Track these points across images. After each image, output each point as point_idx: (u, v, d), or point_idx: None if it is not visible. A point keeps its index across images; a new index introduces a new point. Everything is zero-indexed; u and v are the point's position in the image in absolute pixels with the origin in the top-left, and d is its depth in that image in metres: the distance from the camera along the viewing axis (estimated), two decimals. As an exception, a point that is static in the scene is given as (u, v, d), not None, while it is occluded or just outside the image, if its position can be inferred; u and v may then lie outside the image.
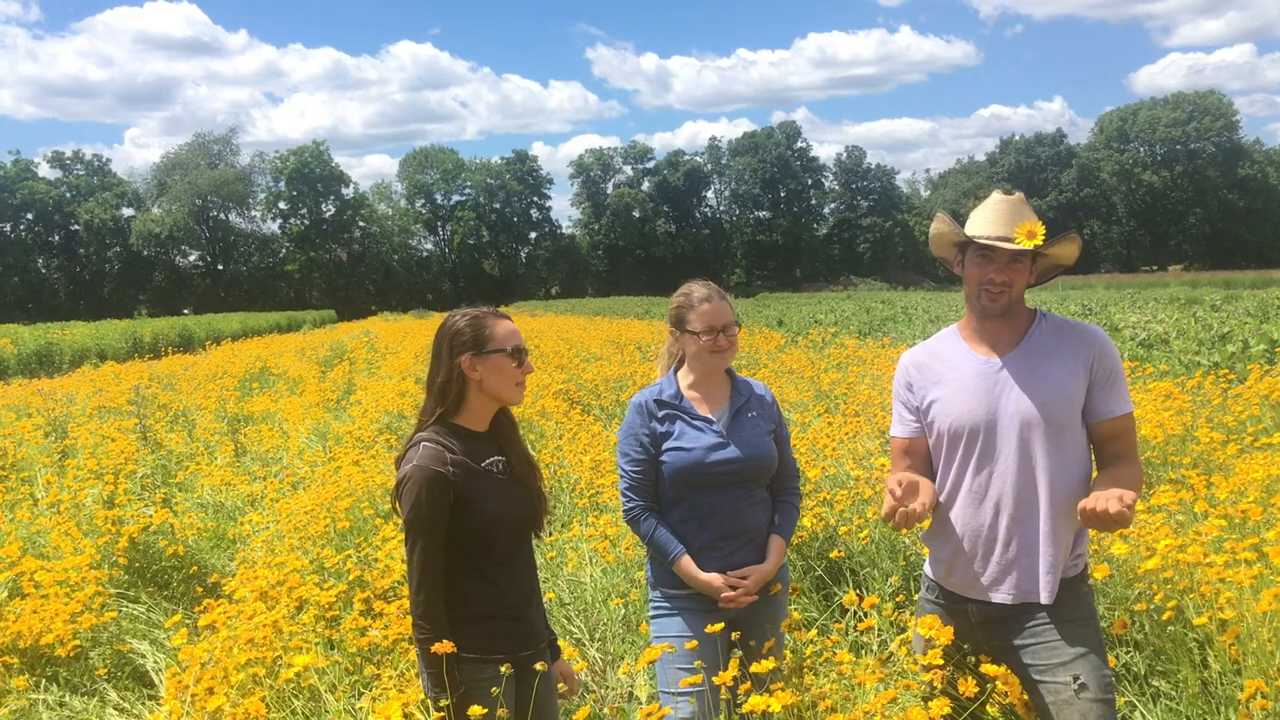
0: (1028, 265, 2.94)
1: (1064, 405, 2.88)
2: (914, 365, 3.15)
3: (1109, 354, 2.92)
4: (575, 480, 7.36)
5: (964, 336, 3.07)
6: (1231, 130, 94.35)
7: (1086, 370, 2.89)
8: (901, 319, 25.85)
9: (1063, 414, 2.88)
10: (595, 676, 4.94)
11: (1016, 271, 2.92)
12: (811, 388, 11.22)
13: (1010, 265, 2.91)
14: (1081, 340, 2.93)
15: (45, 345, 29.21)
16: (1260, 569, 3.55)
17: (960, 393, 2.98)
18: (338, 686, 4.02)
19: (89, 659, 5.04)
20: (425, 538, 2.78)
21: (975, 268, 2.96)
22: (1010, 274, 2.91)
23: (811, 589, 5.26)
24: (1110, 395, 2.90)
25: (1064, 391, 2.88)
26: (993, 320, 2.98)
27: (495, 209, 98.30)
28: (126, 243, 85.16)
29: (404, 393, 12.16)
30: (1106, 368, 2.90)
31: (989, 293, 2.93)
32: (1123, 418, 2.91)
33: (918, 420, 3.12)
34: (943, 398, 3.02)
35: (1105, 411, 2.90)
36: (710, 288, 3.43)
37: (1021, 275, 2.93)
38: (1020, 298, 2.96)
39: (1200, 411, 7.21)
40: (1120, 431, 2.92)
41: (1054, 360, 2.91)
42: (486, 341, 2.89)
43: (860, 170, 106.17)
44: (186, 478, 8.69)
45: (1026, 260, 2.93)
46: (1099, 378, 2.90)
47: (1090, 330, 2.96)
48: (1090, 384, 2.90)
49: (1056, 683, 2.78)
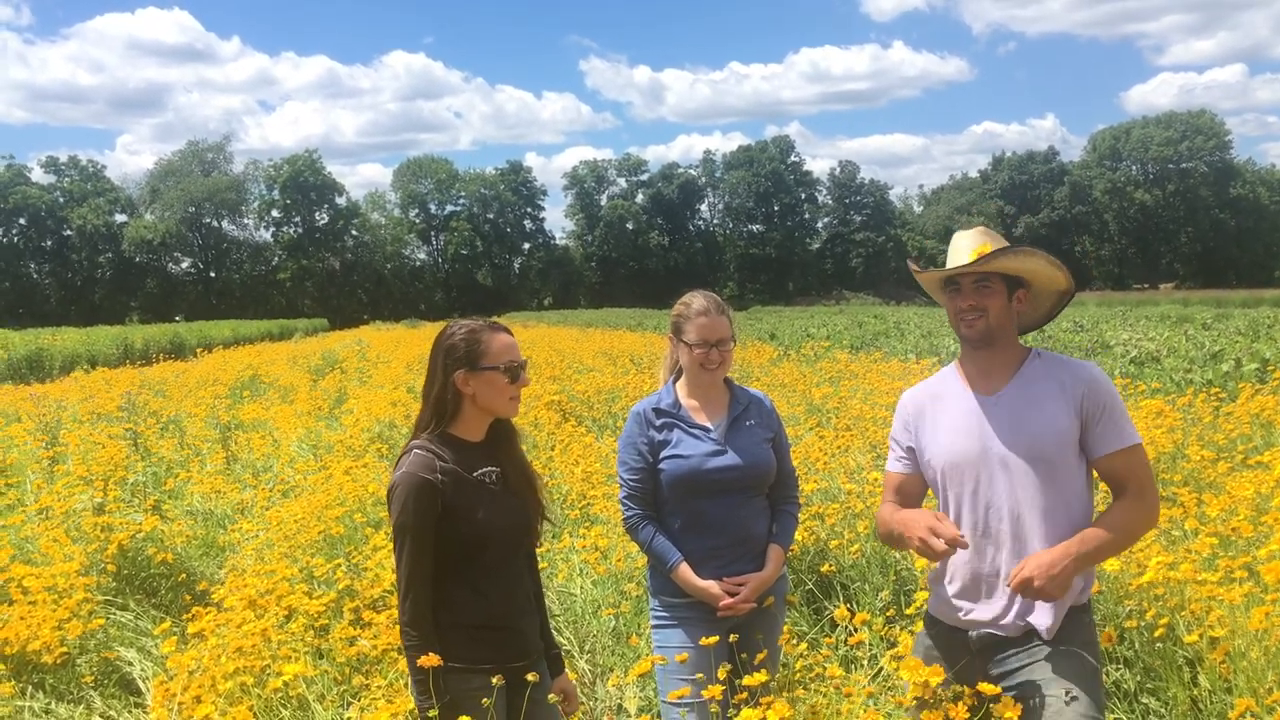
0: (999, 289, 2.93)
1: (1054, 442, 2.86)
2: (913, 405, 3.16)
3: (1101, 390, 2.89)
4: (566, 491, 7.35)
5: (961, 374, 3.08)
6: (1223, 150, 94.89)
7: (1077, 407, 2.87)
8: (894, 334, 25.89)
9: (1053, 451, 2.86)
10: (585, 688, 4.92)
11: (986, 295, 2.92)
12: (803, 401, 11.23)
13: (978, 290, 2.93)
14: (1072, 377, 2.91)
15: (36, 351, 29.09)
16: (1251, 587, 3.55)
17: (953, 431, 3.00)
18: (326, 696, 4.01)
19: (76, 666, 5.01)
20: (412, 544, 2.79)
21: (949, 300, 3.00)
22: (979, 299, 2.92)
23: (802, 603, 5.27)
24: (1106, 431, 2.87)
25: (1054, 428, 2.87)
26: (980, 352, 2.99)
27: (489, 219, 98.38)
28: (119, 249, 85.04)
29: (396, 402, 12.14)
30: (1099, 403, 2.88)
31: (965, 320, 2.95)
32: (1121, 453, 2.87)
33: (911, 459, 3.13)
34: (938, 437, 3.03)
35: (1102, 448, 2.87)
36: (711, 301, 3.44)
37: (994, 299, 2.93)
38: (1002, 324, 2.95)
39: (1191, 429, 7.23)
40: (1121, 466, 2.88)
41: (1045, 397, 2.91)
42: (480, 358, 2.89)
43: (853, 185, 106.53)
44: (177, 485, 8.66)
45: (996, 284, 2.93)
46: (1091, 414, 2.87)
47: (1082, 366, 2.96)
48: (1084, 421, 2.88)
49: (1049, 696, 2.78)
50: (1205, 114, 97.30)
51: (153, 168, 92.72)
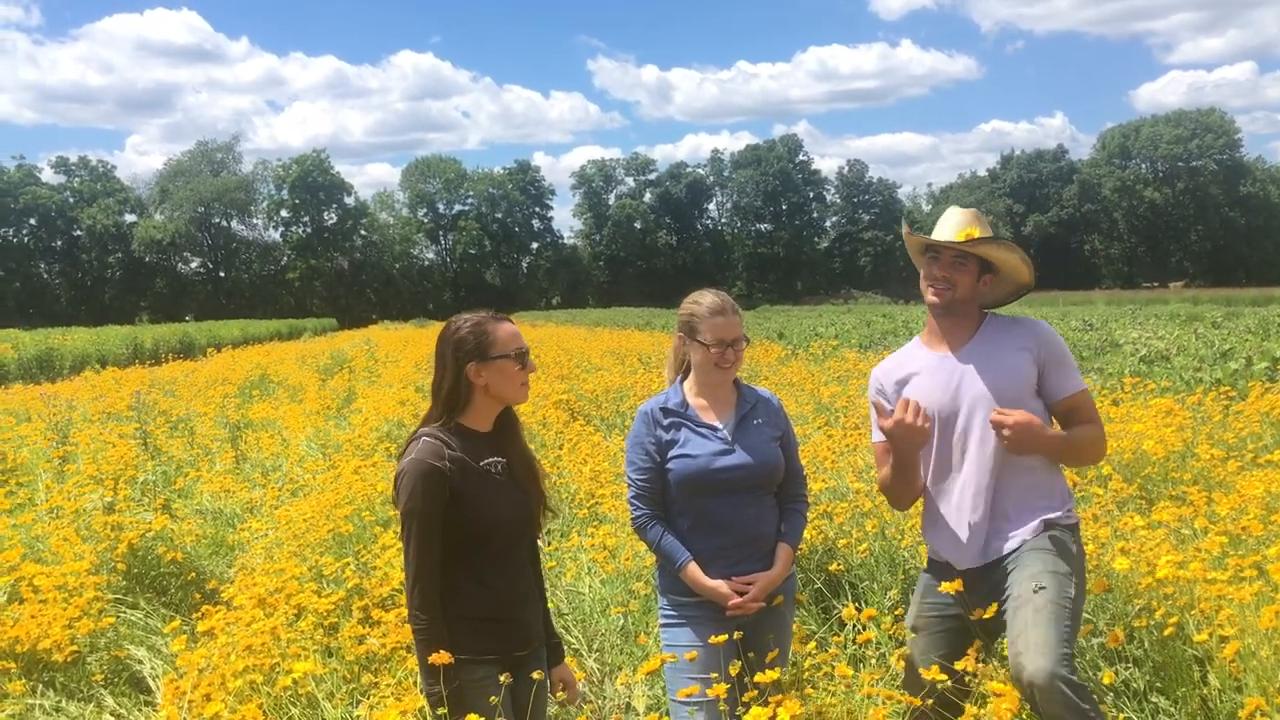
0: (972, 269, 3.31)
1: (1015, 386, 3.23)
2: (883, 374, 3.53)
3: (1053, 341, 3.30)
4: (575, 490, 7.35)
5: (924, 341, 3.48)
6: (1233, 148, 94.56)
7: (1033, 356, 3.26)
8: (902, 332, 25.81)
9: (1014, 394, 3.22)
10: (593, 687, 4.92)
11: (959, 271, 3.30)
12: (812, 400, 11.22)
13: (953, 265, 3.31)
14: (1026, 331, 3.32)
15: (46, 350, 29.18)
16: (1261, 586, 3.54)
17: (924, 386, 3.35)
18: (335, 694, 4.02)
19: (86, 665, 5.02)
20: (420, 529, 2.82)
21: (925, 266, 3.38)
22: (952, 272, 3.30)
23: (810, 602, 5.26)
24: (1061, 376, 3.28)
25: (1015, 374, 3.24)
26: (944, 319, 3.37)
27: (497, 219, 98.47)
28: (128, 249, 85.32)
29: (404, 401, 12.16)
30: (1053, 354, 3.28)
31: (934, 288, 3.33)
32: (1075, 395, 3.29)
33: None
34: (912, 394, 3.33)
35: (1059, 391, 3.28)
36: (725, 300, 3.44)
37: (965, 276, 3.31)
38: (966, 299, 3.33)
39: (1201, 428, 7.20)
40: (1075, 405, 3.29)
41: (1004, 349, 3.29)
42: (490, 347, 2.94)
43: (862, 184, 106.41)
44: (186, 484, 8.68)
45: (971, 264, 3.30)
46: (1047, 362, 3.27)
47: (1033, 322, 3.37)
48: (1040, 368, 3.27)
49: (1021, 589, 3.02)
50: (1215, 112, 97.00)
51: (162, 168, 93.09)
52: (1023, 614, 2.94)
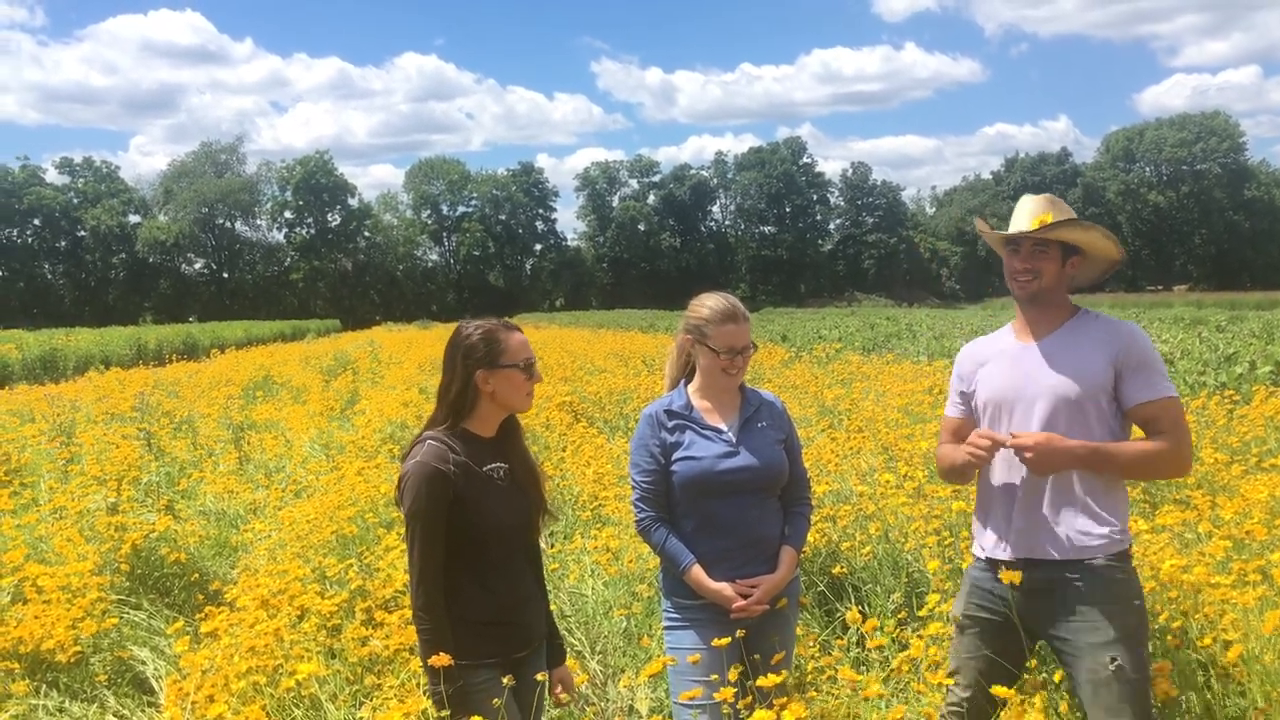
0: (1054, 255, 3.18)
1: (1084, 385, 3.09)
2: (967, 354, 3.48)
3: (1137, 344, 3.13)
4: (578, 493, 7.35)
5: (1013, 328, 3.37)
6: (1237, 151, 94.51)
7: (1113, 359, 3.11)
8: (906, 335, 25.82)
9: (1083, 393, 3.09)
10: (596, 689, 4.92)
11: (1042, 260, 3.18)
12: (815, 403, 11.21)
13: (1034, 255, 3.18)
14: (1112, 331, 3.17)
15: (50, 351, 29.19)
16: (1265, 590, 3.53)
17: (997, 371, 3.29)
18: (338, 696, 4.02)
19: (89, 665, 5.03)
20: (424, 531, 2.87)
21: (1007, 259, 3.26)
22: (1034, 262, 3.18)
23: (814, 605, 5.25)
24: (1139, 382, 3.10)
25: (1087, 373, 3.10)
26: (1030, 309, 3.26)
27: (501, 220, 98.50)
28: (132, 250, 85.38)
29: (408, 403, 12.16)
30: (1134, 358, 3.10)
31: (1017, 281, 3.22)
32: (1152, 403, 3.09)
33: (965, 404, 3.43)
34: (984, 377, 3.32)
35: (1134, 397, 3.10)
36: (736, 307, 3.42)
37: (1047, 264, 3.17)
38: (1052, 287, 3.20)
39: (1205, 432, 7.19)
40: (1152, 415, 3.10)
41: (1084, 346, 3.15)
42: (500, 355, 2.98)
43: (866, 186, 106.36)
44: (190, 485, 8.69)
45: (1052, 250, 3.17)
46: (1126, 365, 3.10)
47: (1122, 324, 3.21)
48: (1118, 371, 3.11)
49: (1095, 663, 2.95)
50: (1219, 115, 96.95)
51: (166, 169, 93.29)
52: (1103, 698, 2.93)
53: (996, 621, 3.21)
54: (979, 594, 3.27)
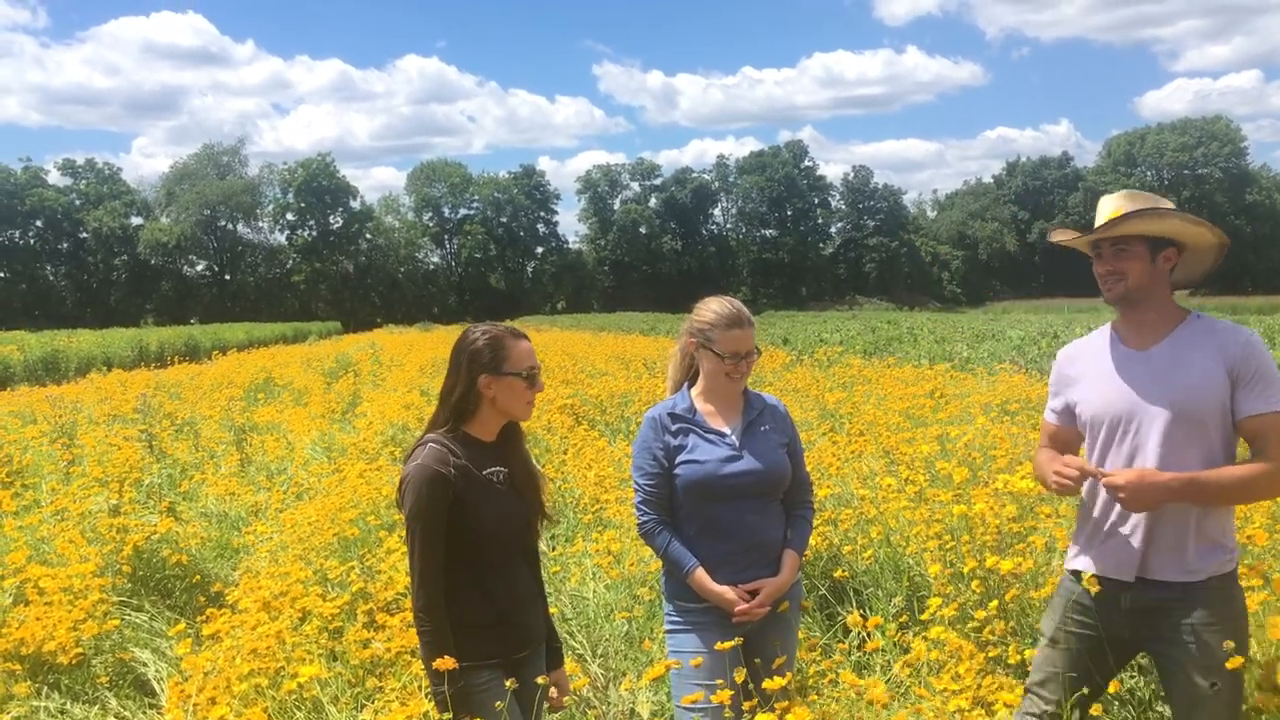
0: (1139, 252, 3.00)
1: (1201, 400, 2.92)
2: (1065, 359, 3.30)
3: (1253, 352, 2.94)
4: (579, 496, 7.35)
5: (1115, 330, 3.16)
6: (1239, 156, 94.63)
7: (1228, 368, 2.92)
8: (907, 339, 25.83)
9: (1200, 408, 2.92)
10: (597, 692, 4.92)
11: (1124, 259, 3.00)
12: (817, 406, 11.21)
13: (1116, 255, 3.02)
14: (1227, 337, 2.97)
15: (52, 352, 29.21)
16: (1266, 595, 3.53)
17: (1102, 383, 3.09)
18: (340, 698, 4.02)
19: (91, 667, 5.03)
20: (424, 533, 2.89)
21: (1094, 264, 3.10)
22: (1116, 263, 3.02)
23: (815, 608, 5.26)
24: (1250, 393, 2.92)
25: (1203, 386, 2.92)
26: (1130, 314, 3.08)
27: (502, 223, 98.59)
28: (134, 251, 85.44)
29: (409, 405, 12.16)
30: (1249, 367, 2.92)
31: (1105, 284, 3.06)
32: (1258, 417, 2.91)
33: (1064, 411, 3.26)
34: (1087, 388, 3.14)
35: (1248, 409, 2.92)
36: (741, 311, 3.42)
37: (1132, 262, 3.00)
38: (1143, 286, 3.01)
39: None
40: (1261, 430, 2.92)
41: (1197, 357, 2.96)
42: (504, 363, 3.01)
43: (867, 190, 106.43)
44: (191, 487, 8.69)
45: (1135, 247, 2.99)
46: (1242, 376, 2.92)
47: (1239, 330, 3.00)
48: (1234, 382, 2.93)
49: (1195, 683, 2.88)
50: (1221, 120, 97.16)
51: (168, 171, 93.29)
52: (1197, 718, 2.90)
53: (1093, 638, 3.09)
54: (1078, 609, 3.13)
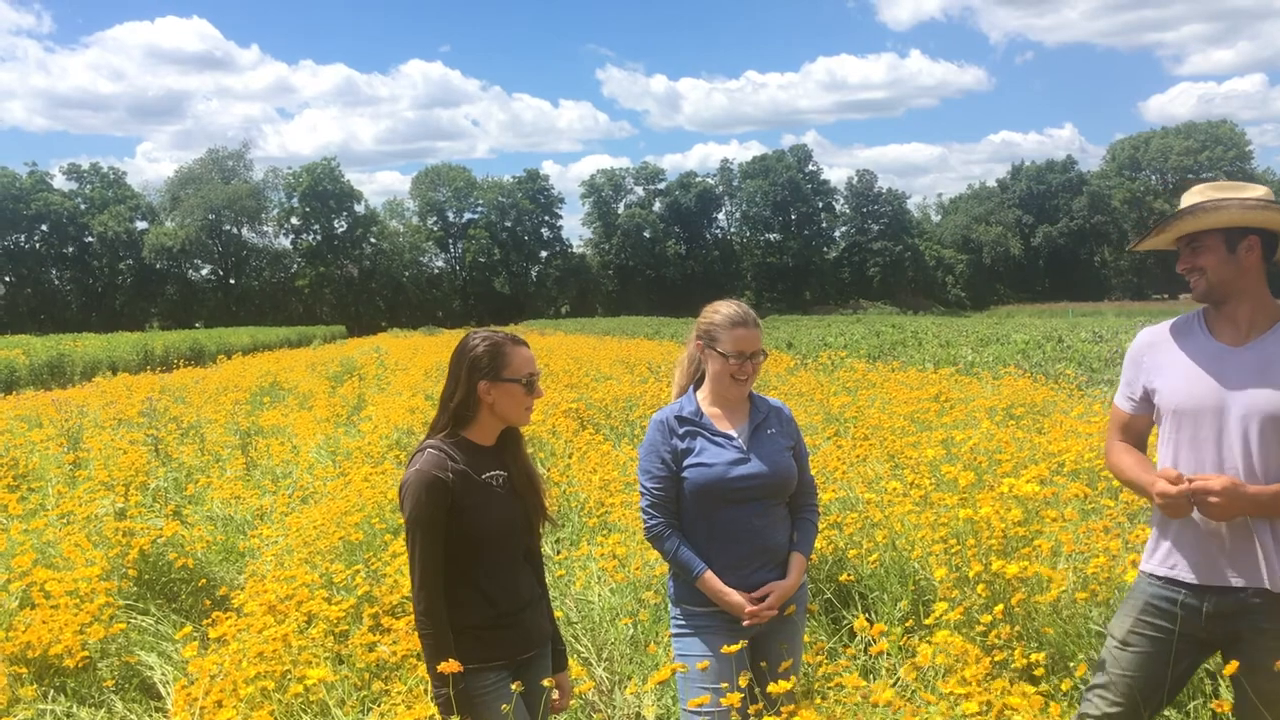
0: (1213, 245, 2.92)
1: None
2: (1147, 345, 3.15)
3: None
4: (584, 499, 7.35)
5: (1206, 320, 3.05)
6: (1243, 160, 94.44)
7: None
8: (911, 343, 25.82)
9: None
10: (602, 696, 4.92)
11: (1200, 255, 2.94)
12: (821, 410, 11.21)
13: (1192, 251, 2.96)
14: None
15: (57, 356, 29.28)
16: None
17: (1190, 375, 2.97)
18: (346, 701, 4.03)
19: (97, 670, 5.04)
20: (424, 537, 2.92)
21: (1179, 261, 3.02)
22: (1193, 260, 2.95)
23: (821, 612, 5.25)
24: None
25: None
26: (1221, 309, 2.98)
27: (507, 227, 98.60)
28: (139, 255, 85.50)
29: (414, 409, 12.17)
30: None
31: (1190, 281, 2.98)
32: None
33: (1139, 399, 3.13)
34: (1171, 379, 3.01)
35: None
36: (747, 312, 3.44)
37: (1208, 256, 2.93)
38: (1225, 279, 2.93)
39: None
40: None
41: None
42: (503, 369, 3.04)
43: (871, 194, 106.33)
44: (197, 490, 8.70)
45: (1209, 240, 2.92)
46: None
47: None
48: None
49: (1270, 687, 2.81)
50: (1225, 124, 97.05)
51: (173, 175, 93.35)
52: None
53: (1165, 641, 2.99)
54: (1152, 612, 3.03)
